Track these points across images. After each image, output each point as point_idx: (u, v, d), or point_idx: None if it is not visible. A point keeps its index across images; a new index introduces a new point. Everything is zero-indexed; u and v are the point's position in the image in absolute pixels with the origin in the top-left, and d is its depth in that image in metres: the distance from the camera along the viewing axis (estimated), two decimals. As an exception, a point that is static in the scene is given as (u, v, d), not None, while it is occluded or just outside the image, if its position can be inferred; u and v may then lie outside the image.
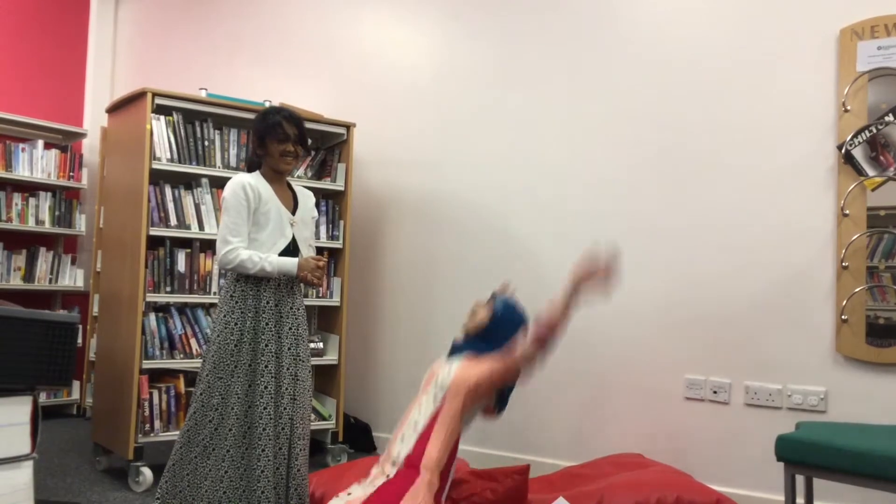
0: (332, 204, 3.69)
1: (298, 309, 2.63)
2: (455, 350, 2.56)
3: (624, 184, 3.36)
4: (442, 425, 2.29)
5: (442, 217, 3.86)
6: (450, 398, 2.32)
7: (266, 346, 2.52)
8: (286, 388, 2.56)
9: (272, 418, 2.51)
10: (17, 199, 4.39)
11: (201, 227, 3.31)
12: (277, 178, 2.60)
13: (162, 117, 3.22)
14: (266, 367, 2.52)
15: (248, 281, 2.51)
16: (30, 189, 4.49)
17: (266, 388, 2.50)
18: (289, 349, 2.57)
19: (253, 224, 2.50)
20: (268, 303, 2.54)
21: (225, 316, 2.50)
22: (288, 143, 2.56)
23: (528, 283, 3.58)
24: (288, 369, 2.56)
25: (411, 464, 2.26)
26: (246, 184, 2.47)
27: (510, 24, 3.71)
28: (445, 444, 2.27)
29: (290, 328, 2.59)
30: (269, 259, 2.48)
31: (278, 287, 2.56)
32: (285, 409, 2.57)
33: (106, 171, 4.19)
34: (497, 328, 2.49)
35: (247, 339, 2.50)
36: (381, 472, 2.33)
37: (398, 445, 2.35)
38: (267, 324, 2.53)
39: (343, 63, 4.25)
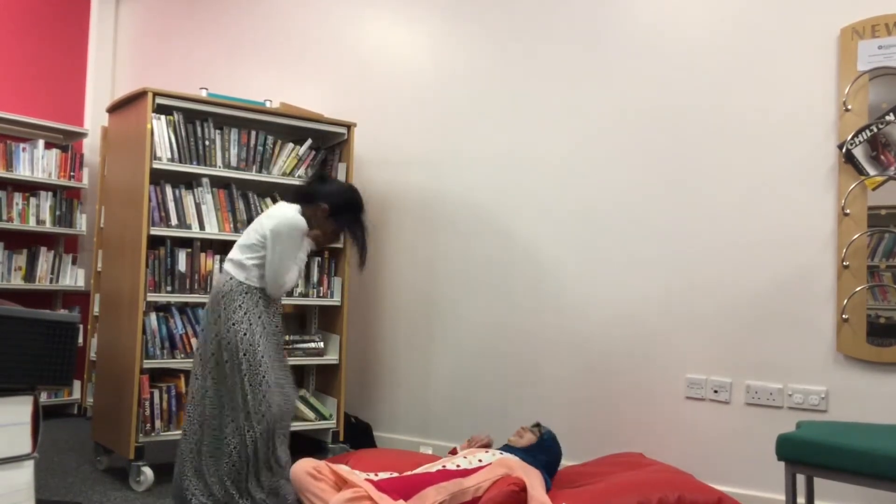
0: (332, 203, 3.69)
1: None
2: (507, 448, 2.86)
3: (624, 184, 3.36)
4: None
5: (442, 216, 3.86)
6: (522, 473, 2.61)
7: (274, 353, 2.75)
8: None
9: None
10: (17, 198, 4.40)
11: (202, 226, 3.31)
12: None
13: (162, 117, 3.22)
14: (283, 363, 2.79)
15: (255, 293, 2.69)
16: (30, 189, 4.49)
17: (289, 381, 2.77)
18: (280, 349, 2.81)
19: None
20: (267, 313, 2.74)
21: (235, 323, 2.64)
22: (342, 235, 2.90)
23: (527, 282, 3.58)
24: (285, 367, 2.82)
25: (455, 475, 2.58)
26: (305, 226, 2.67)
27: (511, 25, 3.71)
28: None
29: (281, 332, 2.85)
30: (299, 267, 2.75)
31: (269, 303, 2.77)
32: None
33: (106, 171, 4.19)
34: (540, 452, 2.80)
35: (262, 343, 2.68)
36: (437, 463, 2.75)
37: (458, 459, 2.73)
38: (276, 326, 2.76)
39: (343, 63, 4.25)
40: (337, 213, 2.76)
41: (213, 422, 2.62)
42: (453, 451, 3.02)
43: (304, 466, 2.51)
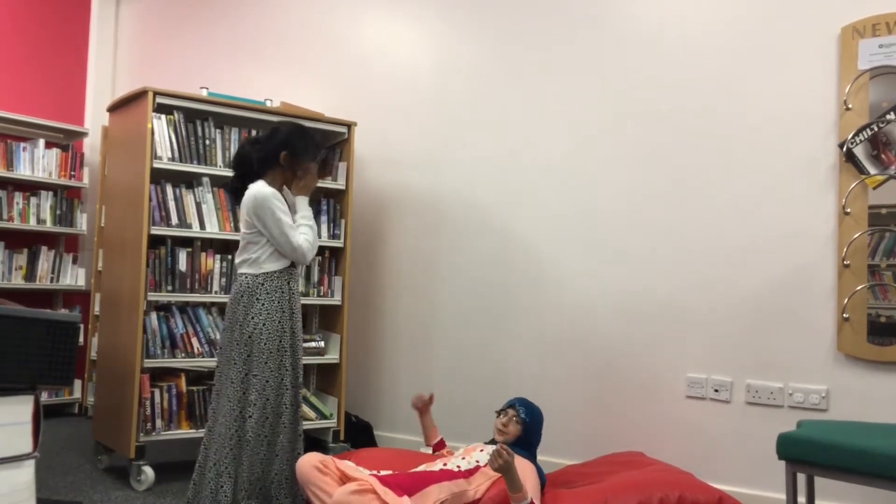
0: (333, 203, 3.69)
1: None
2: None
3: (624, 183, 3.36)
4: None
5: (442, 216, 3.86)
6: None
7: (297, 342, 2.76)
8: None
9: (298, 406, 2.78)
10: (18, 198, 4.40)
11: (202, 226, 3.31)
12: (277, 187, 2.74)
13: (163, 116, 3.22)
14: (297, 360, 2.76)
15: (275, 279, 2.68)
16: (31, 188, 4.50)
17: (298, 378, 2.76)
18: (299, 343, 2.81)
19: None
20: (291, 298, 2.74)
21: (254, 317, 2.64)
22: (325, 174, 2.81)
23: (527, 282, 3.58)
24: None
25: (457, 476, 2.57)
26: (275, 191, 2.66)
27: (511, 24, 3.71)
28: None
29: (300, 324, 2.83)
30: (309, 226, 2.71)
31: (295, 282, 2.77)
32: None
33: (107, 170, 4.19)
34: (530, 436, 2.81)
35: (287, 333, 2.69)
36: (439, 462, 2.73)
37: (457, 460, 2.70)
38: (297, 318, 2.76)
39: (344, 62, 4.25)
40: (297, 148, 2.72)
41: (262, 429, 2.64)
42: (428, 445, 3.08)
43: (312, 460, 2.53)
